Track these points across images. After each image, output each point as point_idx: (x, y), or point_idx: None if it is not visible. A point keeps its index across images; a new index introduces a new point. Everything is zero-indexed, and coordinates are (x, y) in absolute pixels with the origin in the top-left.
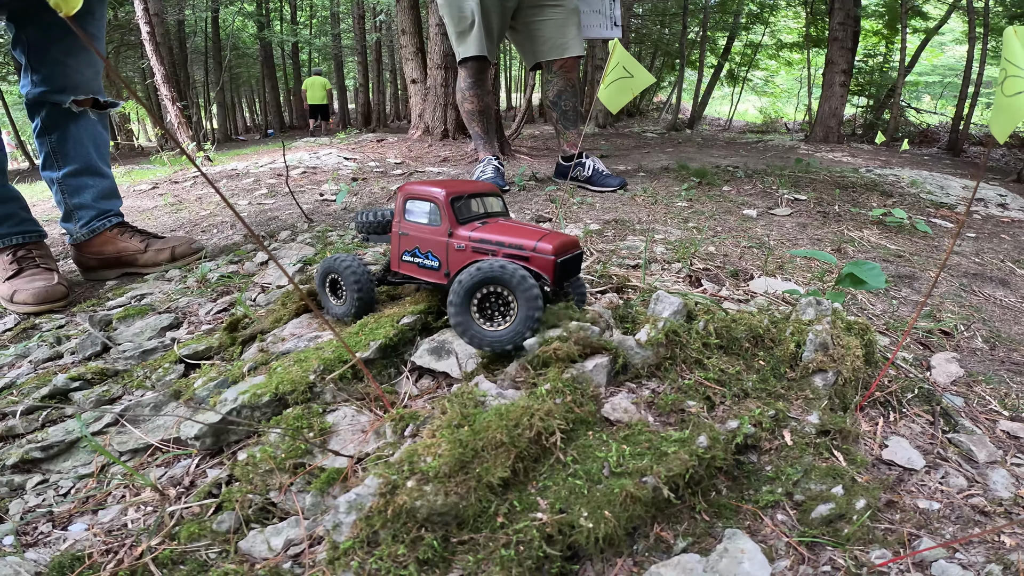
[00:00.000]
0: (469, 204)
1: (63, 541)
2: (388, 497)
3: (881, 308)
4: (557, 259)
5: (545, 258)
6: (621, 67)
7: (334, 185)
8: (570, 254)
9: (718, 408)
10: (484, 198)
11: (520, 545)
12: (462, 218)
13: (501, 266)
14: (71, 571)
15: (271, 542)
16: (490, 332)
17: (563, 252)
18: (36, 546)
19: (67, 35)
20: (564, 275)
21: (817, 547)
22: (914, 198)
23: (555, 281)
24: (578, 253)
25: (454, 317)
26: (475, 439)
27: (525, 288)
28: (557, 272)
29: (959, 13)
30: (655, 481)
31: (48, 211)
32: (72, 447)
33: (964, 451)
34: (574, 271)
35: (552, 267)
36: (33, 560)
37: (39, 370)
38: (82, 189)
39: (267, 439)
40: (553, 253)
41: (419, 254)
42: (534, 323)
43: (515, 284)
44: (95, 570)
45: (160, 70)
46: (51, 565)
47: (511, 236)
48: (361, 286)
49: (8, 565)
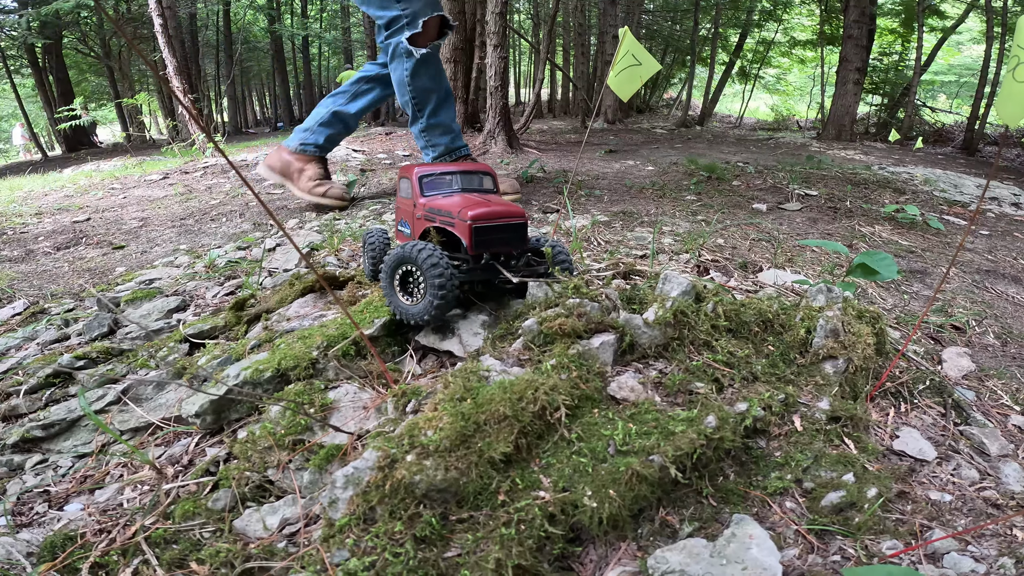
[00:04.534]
0: (441, 180)
1: (57, 521)
2: (387, 471)
3: (892, 302)
4: (474, 224)
5: (464, 223)
6: (630, 55)
7: (343, 176)
8: (498, 222)
9: (727, 390)
10: (471, 175)
11: (521, 524)
12: (427, 192)
13: (417, 248)
14: (62, 551)
15: (267, 521)
16: (409, 306)
17: (487, 219)
18: (31, 526)
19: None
20: (491, 241)
21: (827, 536)
22: (927, 195)
23: (474, 245)
24: (513, 223)
25: (384, 291)
26: (477, 412)
27: (428, 268)
28: (476, 236)
29: (977, 12)
30: (662, 460)
31: (66, 202)
32: (73, 426)
33: (976, 444)
34: (512, 239)
35: (469, 231)
36: (26, 540)
37: (46, 351)
38: None
39: (267, 415)
40: (472, 219)
41: (403, 224)
42: (439, 299)
43: (420, 264)
44: (87, 549)
45: (172, 63)
46: (43, 545)
47: (450, 206)
48: (444, 282)
49: (0, 546)
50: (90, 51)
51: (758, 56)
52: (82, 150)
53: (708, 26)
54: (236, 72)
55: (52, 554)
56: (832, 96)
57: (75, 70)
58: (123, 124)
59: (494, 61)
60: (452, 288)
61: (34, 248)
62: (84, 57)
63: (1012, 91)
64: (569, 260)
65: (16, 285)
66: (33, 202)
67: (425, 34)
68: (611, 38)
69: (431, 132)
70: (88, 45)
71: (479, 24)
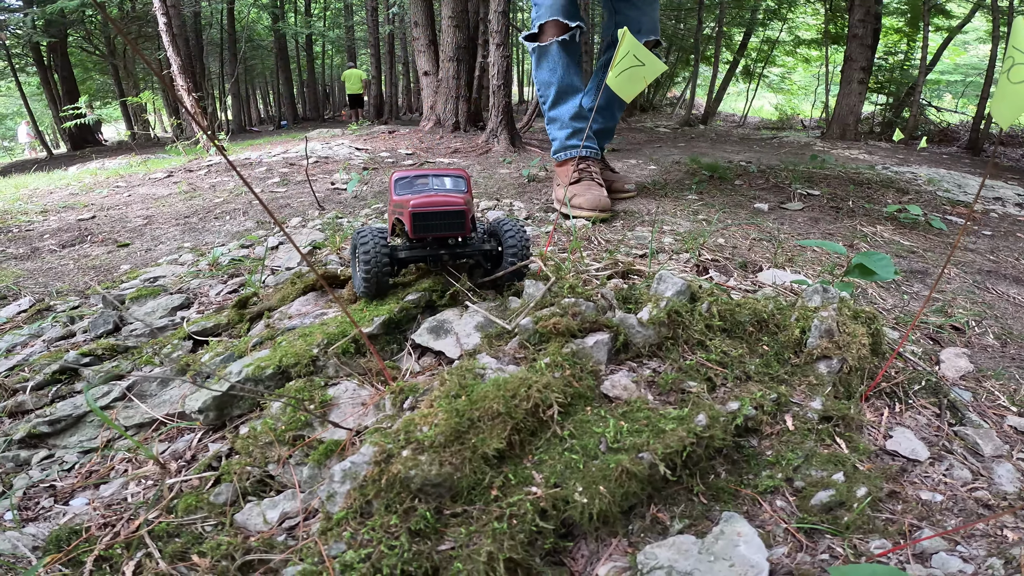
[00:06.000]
0: (413, 181)
1: (63, 515)
2: (383, 466)
3: (892, 303)
4: (412, 211)
5: (407, 211)
6: (631, 56)
7: (345, 174)
8: (433, 209)
9: (719, 389)
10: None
11: (513, 519)
12: (398, 192)
13: (359, 231)
14: (67, 544)
15: (267, 515)
16: (360, 279)
17: (424, 207)
18: (36, 521)
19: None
20: (428, 226)
21: (816, 534)
22: (930, 195)
23: (414, 229)
24: (449, 210)
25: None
26: (472, 408)
27: (360, 245)
28: (415, 220)
29: (983, 12)
30: (651, 457)
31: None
32: (79, 422)
33: (970, 444)
34: (449, 225)
35: (409, 216)
36: (32, 535)
37: (51, 348)
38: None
39: (268, 411)
40: (412, 207)
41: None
42: (364, 272)
43: (356, 242)
44: (91, 543)
45: (177, 61)
46: (48, 539)
47: (404, 200)
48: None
49: (6, 540)
50: (95, 49)
51: (762, 55)
52: (87, 148)
53: (712, 25)
54: (240, 70)
55: (57, 547)
56: (836, 95)
57: (80, 68)
58: (127, 122)
59: (497, 60)
60: (377, 263)
61: (39, 246)
62: (89, 55)
63: (1007, 92)
64: (519, 244)
65: (22, 282)
66: (38, 200)
67: (544, 33)
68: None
69: (551, 125)
70: (93, 43)
71: (482, 23)
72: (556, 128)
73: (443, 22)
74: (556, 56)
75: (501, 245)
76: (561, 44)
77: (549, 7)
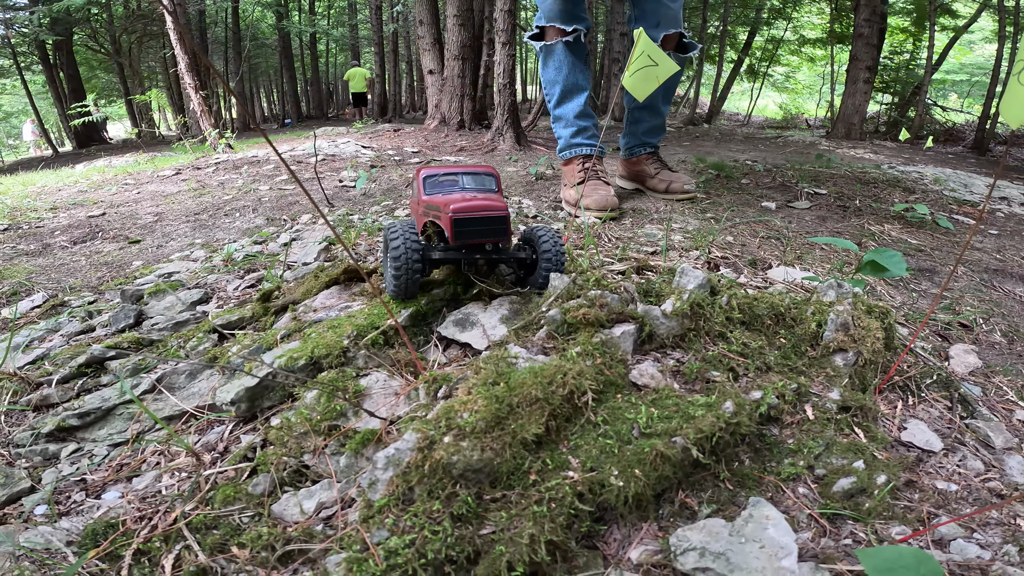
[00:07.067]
0: (443, 180)
1: (96, 509)
2: (426, 452)
3: (901, 300)
4: (454, 216)
5: (446, 215)
6: (646, 56)
7: (353, 172)
8: (476, 215)
9: (742, 379)
10: (475, 176)
11: (552, 502)
12: (428, 191)
13: (390, 227)
14: (104, 538)
15: (303, 505)
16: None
17: (466, 212)
18: (69, 515)
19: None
20: (470, 232)
21: (839, 520)
22: (937, 195)
23: (455, 235)
24: (492, 215)
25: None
26: (511, 395)
27: (388, 245)
28: (456, 226)
29: (989, 11)
30: (684, 441)
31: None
32: (108, 415)
33: (981, 436)
34: (490, 232)
35: (450, 222)
36: (65, 529)
37: (72, 342)
38: (639, 121)
39: (302, 402)
40: (452, 212)
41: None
42: (393, 271)
43: (386, 240)
44: (128, 537)
45: (184, 59)
46: (84, 533)
47: (440, 201)
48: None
49: (39, 535)
50: (100, 48)
51: (767, 54)
52: (93, 146)
53: (716, 24)
54: (244, 69)
55: (95, 541)
56: (842, 95)
57: (85, 67)
58: (133, 120)
59: (502, 59)
60: (408, 262)
61: (50, 242)
62: (94, 54)
63: (1017, 92)
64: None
65: (34, 278)
66: (47, 197)
67: (547, 33)
68: (618, 35)
69: (556, 123)
70: (98, 42)
71: (487, 21)
72: (561, 126)
73: (448, 21)
74: (561, 55)
75: (536, 253)
76: (566, 44)
77: (546, 13)
